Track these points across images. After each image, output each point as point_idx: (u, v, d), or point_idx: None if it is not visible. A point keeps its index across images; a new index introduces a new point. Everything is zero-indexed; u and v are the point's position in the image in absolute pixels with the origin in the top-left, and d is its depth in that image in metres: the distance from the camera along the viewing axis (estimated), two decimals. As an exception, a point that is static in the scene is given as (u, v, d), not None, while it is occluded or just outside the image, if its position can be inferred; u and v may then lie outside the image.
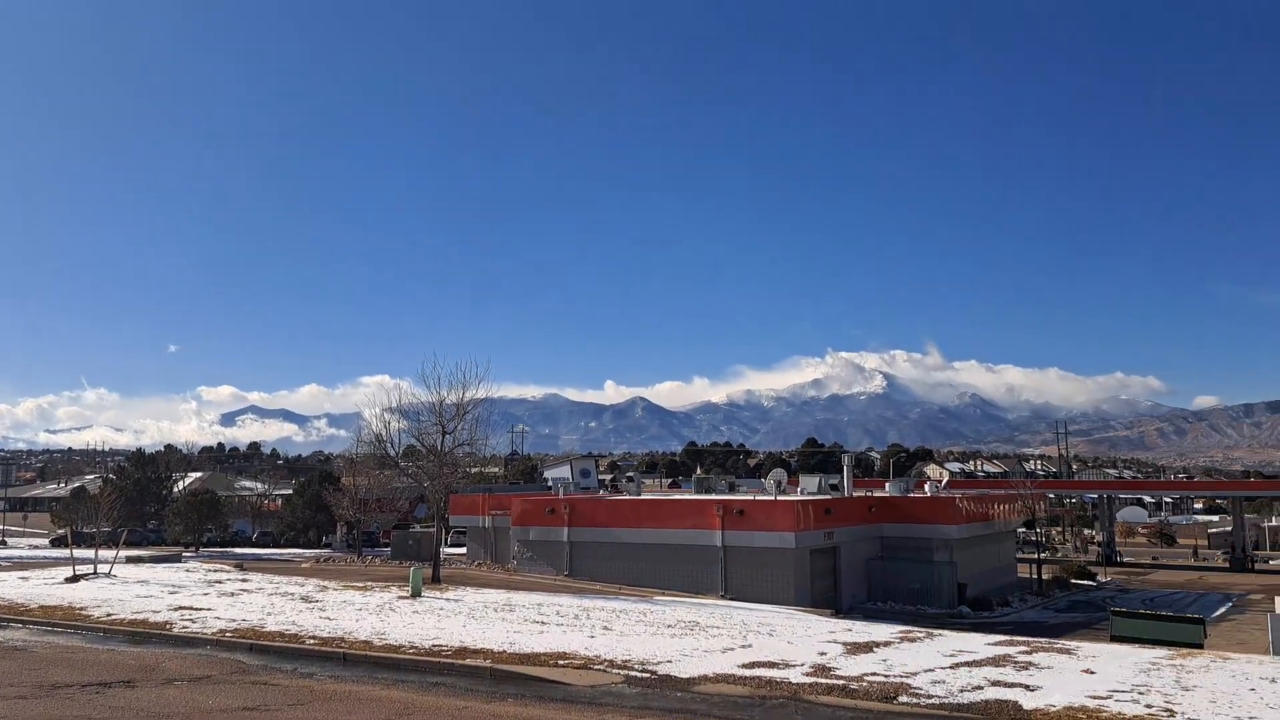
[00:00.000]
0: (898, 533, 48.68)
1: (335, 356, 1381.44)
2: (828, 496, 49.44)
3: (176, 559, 48.23)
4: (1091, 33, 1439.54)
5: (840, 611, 39.05)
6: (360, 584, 32.22)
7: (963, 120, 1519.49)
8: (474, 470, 69.99)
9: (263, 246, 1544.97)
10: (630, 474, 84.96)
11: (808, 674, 16.50)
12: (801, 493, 52.29)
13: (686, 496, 52.64)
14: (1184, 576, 66.45)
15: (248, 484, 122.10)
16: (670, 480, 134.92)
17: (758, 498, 46.55)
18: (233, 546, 73.34)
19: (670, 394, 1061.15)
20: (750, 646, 19.68)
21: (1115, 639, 27.68)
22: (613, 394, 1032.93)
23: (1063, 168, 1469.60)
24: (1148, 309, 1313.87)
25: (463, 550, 60.16)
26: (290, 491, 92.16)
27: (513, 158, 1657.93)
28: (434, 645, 18.74)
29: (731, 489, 61.08)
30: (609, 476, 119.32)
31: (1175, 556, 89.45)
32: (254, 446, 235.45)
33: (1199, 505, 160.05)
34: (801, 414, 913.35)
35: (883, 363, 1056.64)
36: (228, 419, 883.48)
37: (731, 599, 39.95)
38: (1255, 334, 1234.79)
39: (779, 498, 45.36)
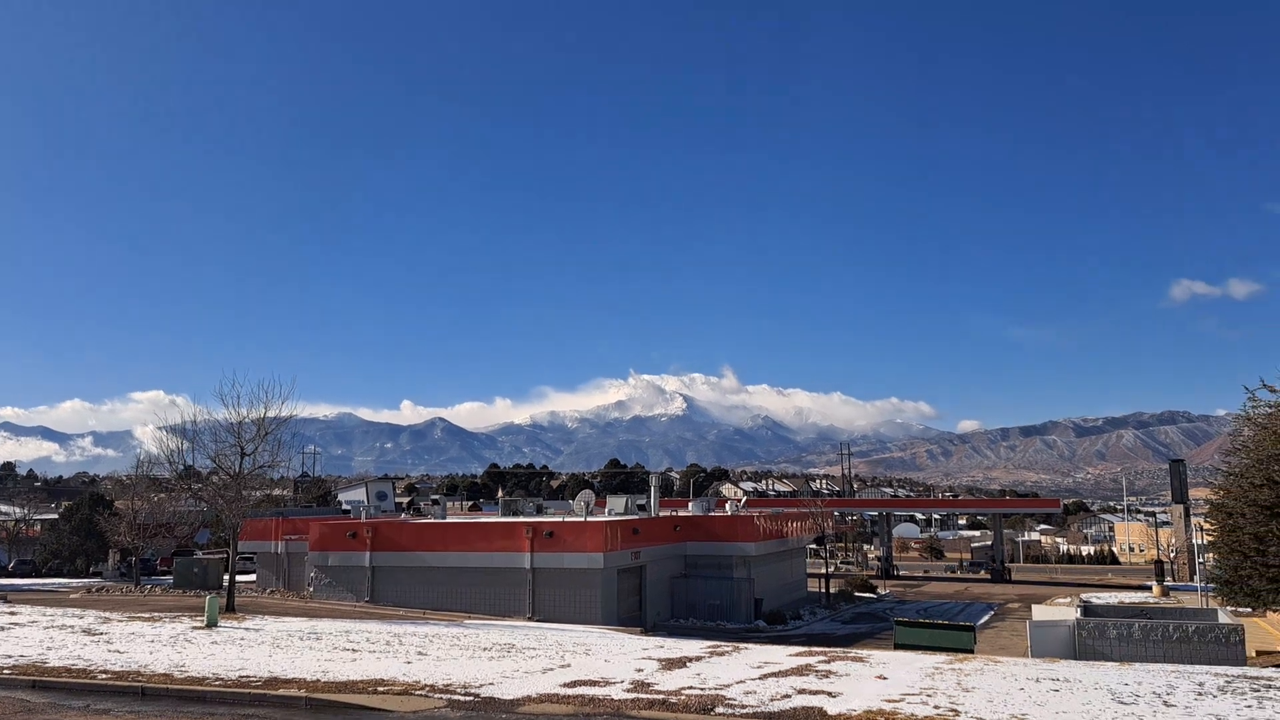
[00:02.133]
0: (700, 551, 50.37)
1: (101, 370, 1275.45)
2: (635, 517, 50.48)
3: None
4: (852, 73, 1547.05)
5: (646, 629, 40.01)
6: (146, 615, 30.15)
7: (759, 152, 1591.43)
8: (259, 493, 66.81)
9: (12, 248, 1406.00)
10: (435, 497, 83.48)
11: (628, 690, 17.01)
12: (609, 514, 53.12)
13: (494, 519, 52.33)
14: (953, 588, 72.15)
15: (1, 508, 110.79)
16: (471, 503, 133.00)
17: (567, 519, 46.95)
18: (-15, 577, 66.41)
19: (471, 415, 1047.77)
20: (569, 666, 20.01)
21: (899, 647, 29.88)
22: (410, 414, 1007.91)
23: (839, 204, 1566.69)
24: (917, 339, 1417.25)
25: (252, 577, 57.23)
26: (55, 516, 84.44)
27: (308, 168, 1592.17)
28: (241, 676, 17.94)
29: (539, 511, 61.14)
30: (407, 499, 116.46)
31: (943, 569, 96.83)
32: (8, 467, 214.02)
33: (963, 521, 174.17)
34: (605, 435, 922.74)
35: (682, 385, 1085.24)
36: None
37: (540, 620, 40.10)
38: (1008, 364, 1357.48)
39: (588, 519, 45.93)
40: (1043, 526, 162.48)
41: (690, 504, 62.71)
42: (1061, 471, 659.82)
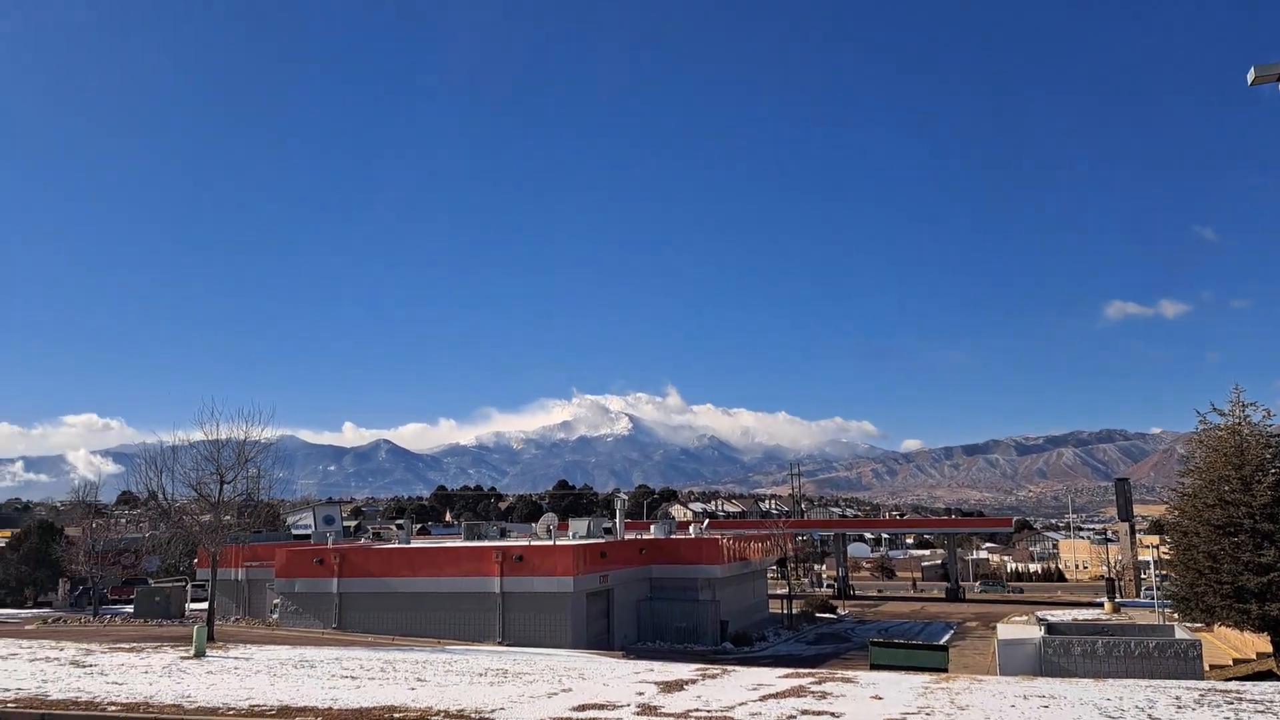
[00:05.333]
0: (666, 574, 50.93)
1: (31, 392, 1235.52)
2: (601, 540, 50.90)
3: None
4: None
5: (617, 652, 40.39)
6: (127, 646, 29.82)
7: (698, 166, 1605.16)
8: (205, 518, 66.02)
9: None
10: (400, 521, 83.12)
11: (637, 714, 17.50)
12: (573, 536, 53.46)
13: (460, 544, 52.36)
14: (909, 607, 73.52)
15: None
16: (420, 526, 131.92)
17: (533, 543, 47.23)
18: (-73, 609, 64.35)
19: (415, 436, 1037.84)
20: (571, 690, 20.43)
21: (875, 667, 30.72)
22: (353, 436, 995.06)
23: (775, 223, 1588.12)
24: (859, 360, 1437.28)
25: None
26: (1, 545, 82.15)
27: (245, 185, 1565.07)
28: (252, 705, 18.08)
29: (503, 534, 61.26)
30: (354, 523, 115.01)
31: (897, 588, 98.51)
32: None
33: (910, 540, 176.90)
34: (551, 456, 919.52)
35: (627, 405, 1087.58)
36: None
37: (510, 644, 40.30)
38: (948, 384, 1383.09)
39: (557, 543, 46.27)
40: (989, 545, 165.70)
41: (652, 526, 63.28)
42: (1004, 490, 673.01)
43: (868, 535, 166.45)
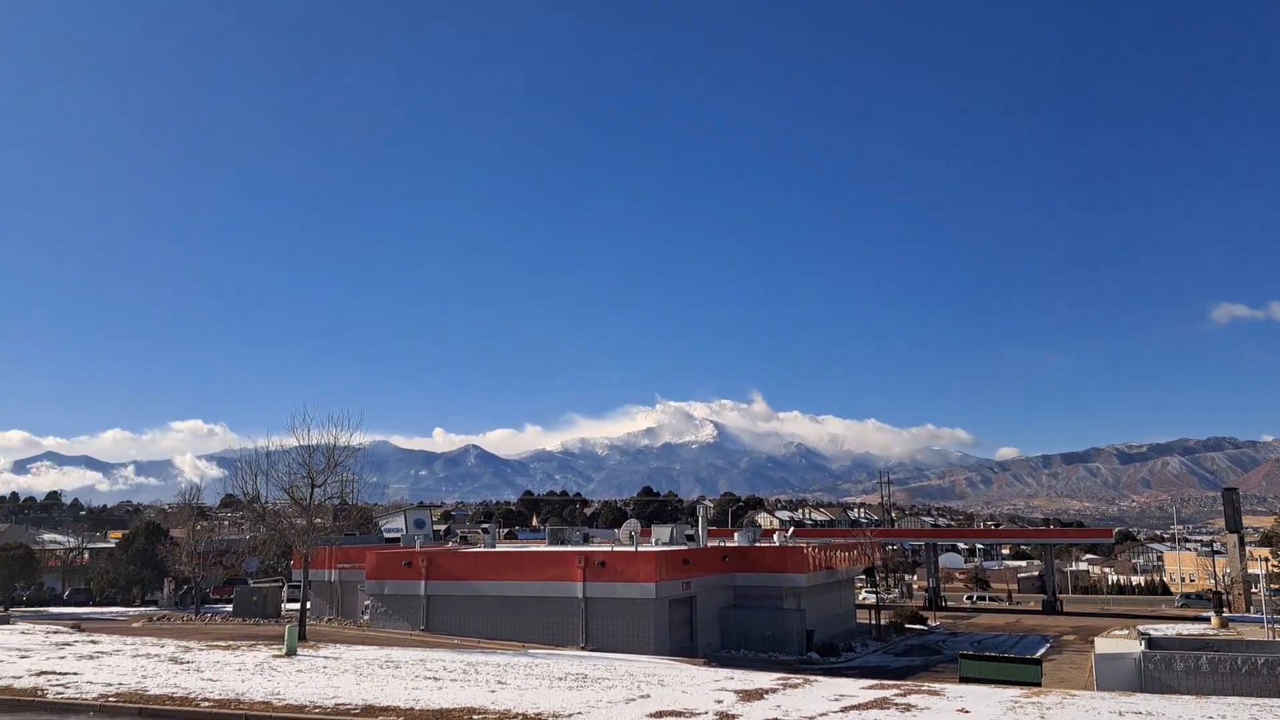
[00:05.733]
0: (750, 582, 50.40)
1: (140, 399, 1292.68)
2: (684, 547, 50.70)
3: (5, 620, 44.41)
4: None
5: (697, 659, 40.15)
6: (223, 643, 30.88)
7: (788, 184, 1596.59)
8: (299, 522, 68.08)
9: (56, 284, 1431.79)
10: (485, 526, 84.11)
11: (715, 721, 17.36)
12: (655, 543, 53.37)
13: (544, 548, 52.79)
14: (1003, 619, 71.40)
15: (51, 537, 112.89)
16: (507, 531, 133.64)
17: (616, 549, 47.29)
18: (46, 605, 67.78)
19: (503, 441, 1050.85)
20: (649, 697, 20.38)
21: (964, 680, 29.88)
22: (442, 441, 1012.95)
23: (867, 230, 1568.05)
24: (952, 365, 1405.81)
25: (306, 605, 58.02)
26: (107, 545, 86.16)
27: (333, 204, 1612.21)
28: (338, 704, 18.51)
29: (586, 540, 61.53)
30: (444, 526, 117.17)
31: (991, 600, 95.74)
32: (53, 496, 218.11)
33: (1005, 551, 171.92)
34: (635, 462, 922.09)
35: (711, 412, 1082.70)
36: (20, 466, 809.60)
37: (593, 650, 40.39)
38: (1046, 390, 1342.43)
39: (640, 549, 46.25)
40: (1089, 556, 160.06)
41: (736, 534, 62.81)
42: (1106, 499, 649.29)
43: (961, 545, 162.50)
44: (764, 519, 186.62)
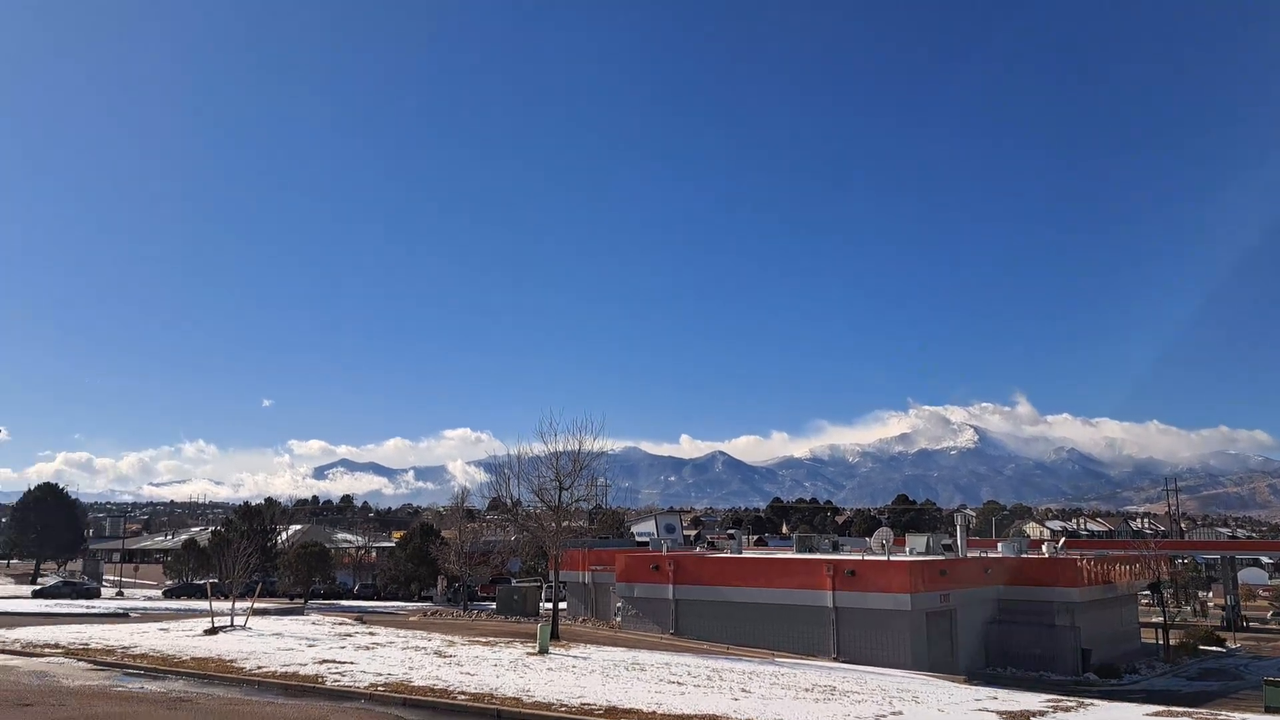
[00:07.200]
0: (1016, 595, 47.13)
1: (416, 409, 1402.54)
2: (940, 557, 48.21)
3: (300, 611, 49.36)
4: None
5: (958, 676, 37.89)
6: (484, 640, 32.48)
7: (1038, 170, 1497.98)
8: (574, 524, 71.12)
9: (353, 309, 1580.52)
10: (731, 531, 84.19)
11: (973, 744, 16.03)
12: (910, 552, 51.08)
13: (792, 555, 51.89)
14: (1320, 645, 62.70)
15: (344, 536, 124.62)
16: (756, 537, 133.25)
17: (866, 558, 45.66)
18: (337, 599, 74.71)
19: (749, 448, 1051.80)
20: (901, 714, 19.22)
21: (1269, 710, 26.30)
22: (689, 448, 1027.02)
23: (1148, 220, 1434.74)
24: (1248, 357, 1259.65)
25: (563, 605, 60.25)
26: (390, 544, 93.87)
27: (598, 212, 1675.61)
28: (582, 704, 18.77)
29: (835, 548, 59.95)
30: (694, 531, 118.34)
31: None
32: (346, 499, 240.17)
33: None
34: (889, 469, 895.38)
35: (970, 416, 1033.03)
36: (320, 472, 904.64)
37: (845, 661, 39.10)
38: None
39: (892, 558, 44.41)
40: None
41: (999, 545, 59.02)
42: None
43: (1265, 560, 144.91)
44: (1032, 529, 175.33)
